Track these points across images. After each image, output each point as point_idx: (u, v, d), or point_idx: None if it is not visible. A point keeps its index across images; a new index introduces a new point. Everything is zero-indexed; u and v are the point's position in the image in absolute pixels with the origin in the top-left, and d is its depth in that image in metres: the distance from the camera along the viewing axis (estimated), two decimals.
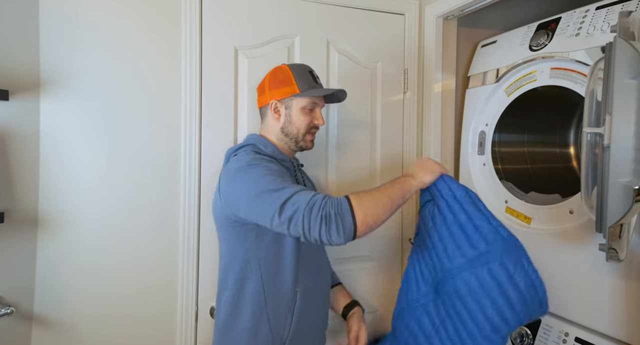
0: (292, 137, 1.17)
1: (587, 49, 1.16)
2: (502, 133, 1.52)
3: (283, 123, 1.17)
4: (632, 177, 0.86)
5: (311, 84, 1.16)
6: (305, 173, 1.35)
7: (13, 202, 1.18)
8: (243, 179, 1.00)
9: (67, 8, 1.23)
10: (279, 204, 0.91)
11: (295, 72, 1.16)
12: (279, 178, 0.97)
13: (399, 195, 0.99)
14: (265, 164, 1.02)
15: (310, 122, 1.18)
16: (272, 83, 1.18)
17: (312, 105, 1.17)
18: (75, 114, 1.25)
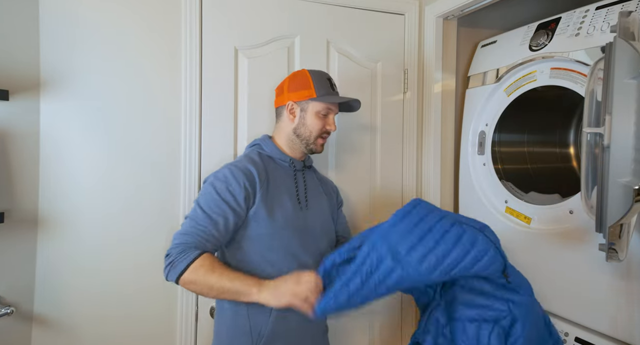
0: (304, 139, 1.20)
1: (587, 49, 1.16)
2: (502, 133, 1.52)
3: (297, 124, 1.19)
4: (632, 177, 0.86)
5: (328, 91, 1.19)
6: (318, 175, 1.34)
7: (13, 202, 1.18)
8: (209, 183, 1.10)
9: (67, 8, 1.23)
10: (186, 215, 1.07)
11: (315, 77, 1.20)
12: (212, 202, 1.05)
13: (232, 293, 0.98)
14: (222, 181, 1.08)
15: (323, 126, 1.20)
16: (291, 85, 1.20)
17: (326, 111, 1.19)
18: (75, 114, 1.25)
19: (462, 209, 1.62)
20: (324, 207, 1.26)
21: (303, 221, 1.16)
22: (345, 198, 1.55)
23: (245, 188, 1.08)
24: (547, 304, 1.27)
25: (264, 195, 1.10)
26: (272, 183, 1.14)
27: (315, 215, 1.21)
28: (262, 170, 1.14)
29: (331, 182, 1.40)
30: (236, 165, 1.11)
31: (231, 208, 1.05)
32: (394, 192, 1.65)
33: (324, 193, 1.30)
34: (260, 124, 1.42)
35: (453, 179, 1.68)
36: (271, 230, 1.10)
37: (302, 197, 1.20)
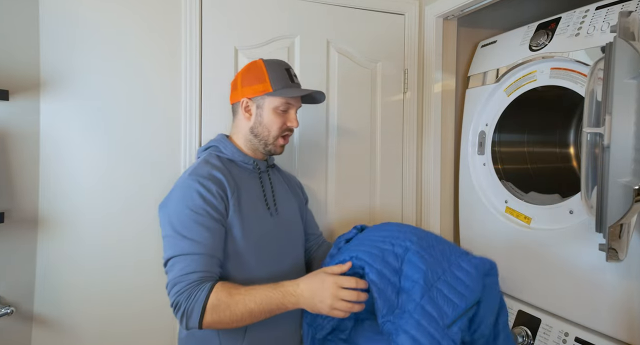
0: (262, 139, 1.09)
1: (587, 49, 1.16)
2: (502, 133, 1.52)
3: (253, 123, 1.09)
4: (632, 177, 0.86)
5: (286, 83, 1.07)
6: (282, 173, 1.26)
7: (13, 202, 1.18)
8: (176, 198, 0.98)
9: (67, 8, 1.23)
10: (166, 256, 0.94)
11: (270, 68, 1.08)
12: (192, 222, 0.93)
13: (264, 312, 0.89)
14: (194, 195, 0.95)
15: (283, 124, 1.09)
16: (245, 79, 1.10)
17: (285, 106, 1.08)
18: (75, 114, 1.25)
19: (462, 209, 1.62)
20: (293, 208, 1.19)
21: (276, 228, 1.08)
22: (345, 198, 1.55)
23: (221, 197, 0.97)
24: (547, 303, 1.27)
25: (236, 205, 1.00)
26: (242, 190, 1.04)
27: (287, 220, 1.14)
28: (229, 176, 1.02)
29: (294, 178, 1.33)
30: (199, 174, 0.99)
31: (215, 220, 0.95)
32: (394, 192, 1.65)
33: (290, 192, 1.22)
34: None
35: (453, 179, 1.68)
36: (246, 244, 1.00)
37: (270, 201, 1.10)
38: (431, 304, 0.89)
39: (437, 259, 0.96)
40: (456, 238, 1.67)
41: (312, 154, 1.51)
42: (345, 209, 1.54)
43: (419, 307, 0.89)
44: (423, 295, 0.90)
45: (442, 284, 0.92)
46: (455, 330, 0.89)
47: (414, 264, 0.93)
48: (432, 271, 0.93)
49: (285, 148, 1.16)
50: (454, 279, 0.94)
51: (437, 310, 0.89)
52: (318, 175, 1.51)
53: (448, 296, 0.91)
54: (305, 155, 1.49)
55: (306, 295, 0.89)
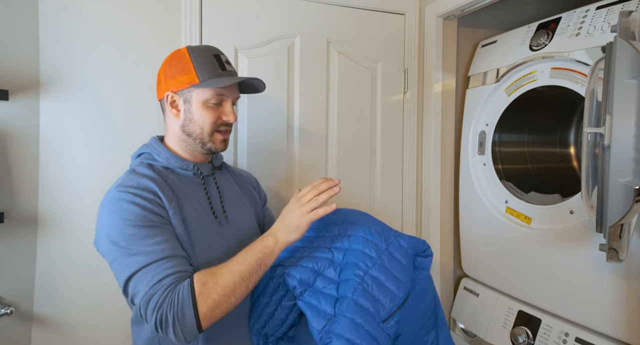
0: (196, 137, 0.96)
1: (588, 49, 1.16)
2: (502, 133, 1.51)
3: (183, 120, 0.96)
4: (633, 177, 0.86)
5: (215, 72, 0.94)
6: (232, 174, 1.13)
7: (13, 202, 1.18)
8: (107, 216, 0.84)
9: (67, 8, 1.23)
10: (123, 278, 0.80)
11: (195, 56, 0.94)
12: (137, 233, 0.80)
13: (254, 268, 0.83)
14: (127, 206, 0.82)
15: (217, 118, 0.96)
16: (168, 70, 0.96)
17: (217, 99, 0.95)
18: (75, 114, 1.25)
19: (462, 209, 1.62)
20: (247, 213, 1.07)
21: (224, 239, 0.96)
22: (345, 199, 1.55)
23: (160, 205, 0.86)
24: (548, 304, 1.27)
25: (177, 218, 0.87)
26: (182, 201, 0.91)
27: (238, 227, 1.01)
28: (164, 185, 0.89)
29: (249, 176, 1.20)
30: (126, 185, 0.86)
31: (163, 225, 0.84)
32: (394, 192, 1.65)
33: (243, 195, 1.09)
34: (261, 124, 1.42)
35: (453, 179, 1.68)
36: (194, 261, 0.88)
37: (218, 209, 0.98)
38: (365, 297, 0.82)
39: (375, 239, 0.92)
40: (456, 238, 1.67)
41: (312, 154, 1.51)
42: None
43: (352, 302, 0.81)
44: (355, 289, 0.83)
45: (378, 270, 0.86)
46: (392, 324, 0.82)
47: (352, 253, 0.90)
48: (365, 256, 0.88)
49: (225, 145, 1.02)
50: (392, 262, 0.88)
51: (372, 302, 0.81)
52: (318, 175, 1.51)
53: (385, 284, 0.84)
54: (305, 155, 1.49)
55: (280, 225, 0.89)
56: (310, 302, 0.87)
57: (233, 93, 0.99)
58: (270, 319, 0.99)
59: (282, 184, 1.47)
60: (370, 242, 0.92)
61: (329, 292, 0.87)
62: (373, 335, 0.79)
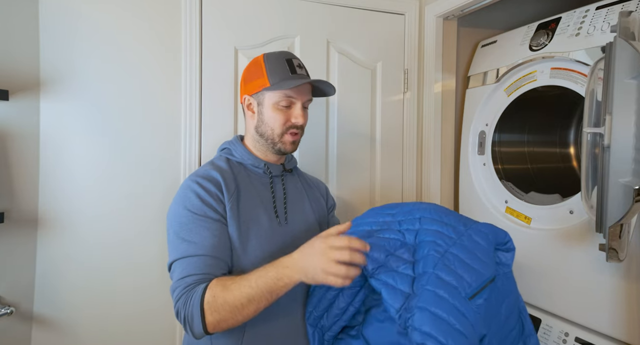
0: (267, 138, 1.02)
1: (587, 49, 1.16)
2: (502, 133, 1.51)
3: (257, 122, 1.03)
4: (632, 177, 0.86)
5: (285, 75, 0.98)
6: (303, 179, 1.17)
7: (13, 202, 1.18)
8: (175, 199, 0.94)
9: (67, 8, 1.23)
10: (169, 261, 0.90)
11: (269, 61, 1.00)
12: (191, 224, 0.89)
13: (264, 294, 0.80)
14: (190, 195, 0.91)
15: (286, 120, 1.00)
16: (246, 76, 1.04)
17: (287, 101, 0.99)
18: (75, 114, 1.25)
19: (462, 209, 1.62)
20: (308, 218, 1.08)
21: (282, 239, 0.98)
22: (345, 199, 1.55)
23: (218, 198, 0.93)
24: (548, 304, 1.27)
25: (233, 210, 0.93)
26: (243, 195, 0.97)
27: (298, 231, 1.03)
28: (231, 179, 0.97)
29: (320, 184, 1.22)
30: (197, 174, 0.96)
31: (215, 220, 0.90)
32: (394, 192, 1.65)
33: (309, 201, 1.11)
34: None
35: (453, 179, 1.68)
36: (242, 255, 0.92)
37: (280, 209, 1.02)
38: (447, 271, 0.76)
39: (451, 223, 0.86)
40: None
41: (311, 154, 1.51)
42: (344, 211, 1.54)
43: (433, 276, 0.75)
44: (436, 264, 0.78)
45: (459, 249, 0.81)
46: (480, 302, 0.75)
47: (426, 232, 0.84)
48: (444, 235, 0.83)
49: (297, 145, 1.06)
50: (473, 244, 0.82)
51: (455, 278, 0.75)
52: (318, 175, 1.51)
53: (467, 263, 0.78)
54: (305, 155, 1.49)
55: (299, 263, 0.79)
56: (386, 280, 0.80)
57: (302, 96, 1.01)
58: (330, 306, 0.93)
59: None
60: (446, 225, 0.86)
61: (404, 272, 0.81)
62: (460, 310, 0.71)
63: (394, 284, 0.79)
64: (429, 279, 0.75)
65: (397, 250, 0.84)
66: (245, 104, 1.04)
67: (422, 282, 0.76)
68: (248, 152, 1.05)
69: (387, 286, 0.79)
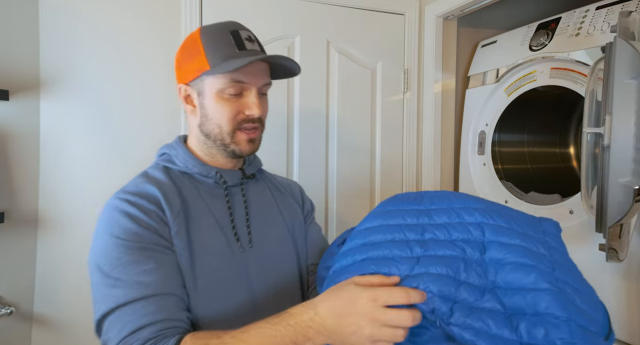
0: (216, 139, 0.76)
1: (587, 49, 1.16)
2: (502, 133, 1.52)
3: (200, 118, 0.77)
4: (632, 177, 0.86)
5: (229, 52, 0.72)
6: (271, 184, 0.90)
7: (13, 202, 1.18)
8: (98, 229, 0.68)
9: (67, 8, 1.23)
10: (96, 316, 0.62)
11: (207, 36, 0.74)
12: (125, 256, 0.63)
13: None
14: (120, 218, 0.66)
15: (237, 113, 0.74)
16: (180, 58, 0.78)
17: (236, 88, 0.73)
18: (75, 114, 1.25)
19: None
20: (281, 236, 0.83)
21: (245, 270, 0.75)
22: (345, 201, 1.55)
23: (161, 219, 0.69)
24: None
25: (179, 235, 0.69)
26: (192, 215, 0.72)
27: (267, 255, 0.79)
28: (173, 194, 0.72)
29: (292, 185, 0.96)
30: (125, 191, 0.71)
31: (159, 245, 0.67)
32: (394, 192, 1.65)
33: (280, 212, 0.86)
34: None
35: (453, 179, 1.68)
36: (194, 296, 0.68)
37: (241, 230, 0.77)
38: (579, 314, 0.53)
39: (528, 232, 0.63)
40: None
41: (312, 154, 1.51)
42: (344, 212, 1.54)
43: (574, 325, 0.52)
44: (565, 305, 0.54)
45: (562, 272, 0.58)
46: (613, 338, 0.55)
47: (502, 248, 0.60)
48: (532, 253, 0.59)
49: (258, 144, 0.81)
50: (562, 257, 0.62)
51: (589, 318, 0.54)
52: (318, 174, 1.51)
53: (581, 290, 0.57)
54: (305, 155, 1.49)
55: (330, 326, 0.55)
56: (475, 325, 0.54)
57: (257, 79, 0.75)
58: None
59: None
60: (527, 236, 0.62)
61: (488, 306, 0.56)
62: None
63: (487, 330, 0.53)
64: (563, 326, 0.51)
65: (460, 274, 0.58)
66: (182, 96, 0.78)
67: (547, 328, 0.52)
68: (193, 158, 0.79)
69: (481, 335, 0.53)
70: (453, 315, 0.55)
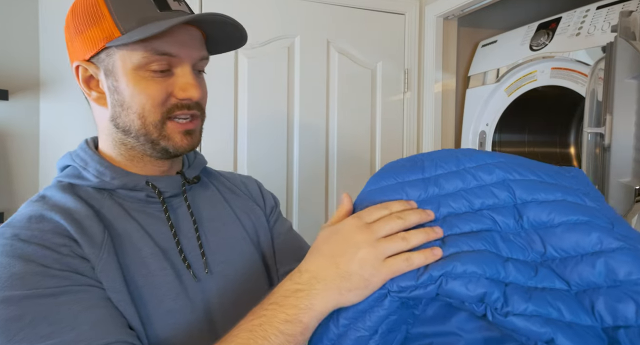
0: (137, 134, 0.55)
1: (588, 49, 1.16)
2: (502, 133, 1.51)
3: (112, 108, 0.56)
4: (633, 177, 0.86)
5: (150, 14, 0.53)
6: (218, 185, 0.69)
7: (13, 202, 1.18)
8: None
9: (67, 8, 1.23)
10: None
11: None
12: (29, 315, 0.43)
13: None
14: (12, 264, 0.45)
15: (165, 96, 0.54)
16: (72, 25, 0.56)
17: (162, 63, 0.53)
18: (75, 114, 1.24)
19: None
20: (243, 252, 0.63)
21: (204, 303, 0.56)
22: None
23: (74, 253, 0.48)
24: None
25: (108, 272, 0.49)
26: (123, 244, 0.53)
27: (228, 280, 0.60)
28: (89, 219, 0.52)
29: (247, 182, 0.75)
30: (11, 225, 0.50)
31: (78, 286, 0.47)
32: None
33: (237, 220, 0.66)
34: (261, 125, 1.42)
35: None
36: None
37: (192, 253, 0.58)
38: None
39: (566, 184, 0.51)
40: None
41: (313, 154, 1.50)
42: None
43: None
44: None
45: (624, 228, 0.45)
46: None
47: (546, 206, 0.46)
48: (584, 208, 0.46)
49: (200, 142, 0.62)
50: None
51: None
52: (318, 176, 1.51)
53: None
54: (305, 155, 1.49)
55: (324, 269, 0.43)
56: (546, 313, 0.40)
57: (190, 50, 0.55)
58: None
59: (282, 188, 1.47)
60: (555, 185, 0.50)
61: (547, 285, 0.42)
62: None
63: (560, 316, 0.40)
64: None
65: (501, 249, 0.45)
66: (82, 79, 0.56)
67: (638, 301, 0.39)
68: (110, 167, 0.57)
69: (560, 326, 0.39)
70: (509, 302, 0.40)
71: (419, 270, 0.43)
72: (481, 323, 0.46)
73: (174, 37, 0.53)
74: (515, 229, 0.46)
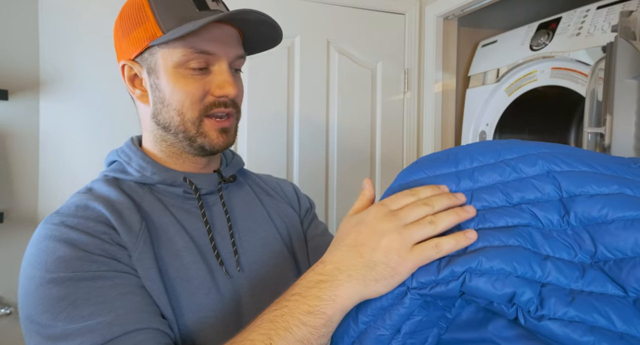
0: (177, 131, 0.59)
1: (588, 49, 1.16)
2: (502, 133, 1.51)
3: (153, 105, 0.60)
4: None
5: (187, 13, 0.55)
6: (254, 186, 0.71)
7: (13, 202, 1.18)
8: (24, 269, 0.55)
9: (67, 8, 1.23)
10: None
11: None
12: (70, 296, 0.46)
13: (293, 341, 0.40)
14: (57, 248, 0.49)
15: (203, 94, 0.57)
16: (120, 27, 0.60)
17: (200, 60, 0.56)
18: (75, 114, 1.24)
19: None
20: (276, 253, 0.65)
21: (235, 301, 0.57)
22: (345, 201, 1.55)
23: (114, 242, 0.52)
24: None
25: (144, 262, 0.52)
26: (159, 236, 0.56)
27: (260, 279, 0.61)
28: (131, 211, 0.55)
29: (284, 185, 0.76)
30: (60, 213, 0.55)
31: (117, 272, 0.50)
32: None
33: (272, 221, 0.67)
34: (261, 126, 1.42)
35: None
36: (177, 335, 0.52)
37: (225, 250, 0.59)
38: None
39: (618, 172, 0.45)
40: None
41: (312, 154, 1.50)
42: (346, 209, 1.54)
43: None
44: None
45: None
46: None
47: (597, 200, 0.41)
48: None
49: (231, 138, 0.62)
50: None
51: None
52: (318, 177, 1.51)
53: None
54: (305, 156, 1.49)
55: (347, 259, 0.42)
56: (592, 320, 0.35)
57: (227, 48, 0.57)
58: None
59: None
60: (610, 177, 0.43)
61: (596, 290, 0.37)
62: None
63: (610, 326, 0.35)
64: None
65: (540, 247, 0.40)
66: (127, 77, 0.60)
67: None
68: (152, 163, 0.61)
69: (607, 335, 0.34)
70: (545, 304, 0.36)
71: (440, 265, 0.40)
72: (522, 331, 0.40)
73: (211, 36, 0.56)
74: (561, 226, 0.41)
